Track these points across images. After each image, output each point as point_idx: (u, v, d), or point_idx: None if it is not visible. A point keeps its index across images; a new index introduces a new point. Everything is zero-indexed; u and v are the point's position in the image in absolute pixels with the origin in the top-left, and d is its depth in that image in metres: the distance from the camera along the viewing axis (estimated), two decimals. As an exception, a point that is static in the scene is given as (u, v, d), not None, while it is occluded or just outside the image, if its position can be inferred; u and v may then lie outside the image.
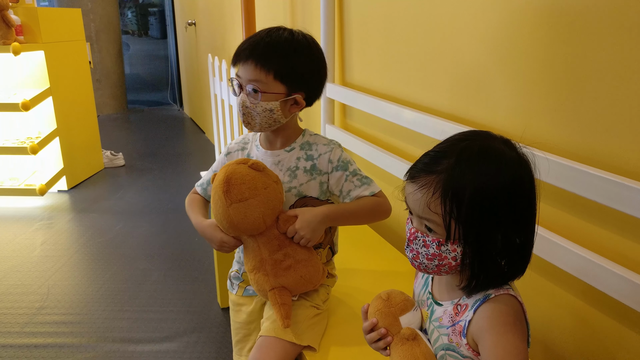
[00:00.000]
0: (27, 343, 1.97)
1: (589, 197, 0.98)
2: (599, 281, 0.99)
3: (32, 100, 3.17)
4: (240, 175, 1.08)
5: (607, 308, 1.05)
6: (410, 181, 0.75)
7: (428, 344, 0.81)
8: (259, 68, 1.10)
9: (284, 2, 2.63)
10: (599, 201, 0.96)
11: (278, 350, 1.11)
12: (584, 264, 1.01)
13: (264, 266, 1.13)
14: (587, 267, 1.01)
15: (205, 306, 2.21)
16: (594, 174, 0.96)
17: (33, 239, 2.87)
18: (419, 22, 1.54)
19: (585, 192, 0.99)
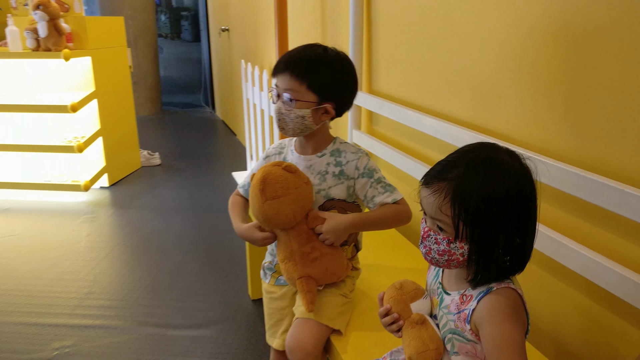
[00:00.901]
0: (77, 323, 2.17)
1: (596, 203, 1.08)
2: (604, 280, 1.08)
3: (80, 102, 3.40)
4: (275, 176, 1.23)
5: (611, 305, 1.15)
6: (424, 186, 0.88)
7: (436, 328, 0.94)
8: (294, 78, 1.25)
9: (314, 14, 2.78)
10: (605, 207, 1.06)
11: (314, 331, 1.25)
12: (591, 264, 1.11)
13: (294, 257, 1.27)
14: (593, 267, 1.10)
15: (237, 297, 2.37)
16: (601, 181, 1.06)
17: (79, 231, 3.09)
18: (442, 36, 1.67)
19: (593, 198, 1.08)
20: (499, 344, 0.83)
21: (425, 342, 0.91)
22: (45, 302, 2.34)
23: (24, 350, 2.01)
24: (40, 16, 3.20)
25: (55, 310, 2.27)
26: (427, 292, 1.00)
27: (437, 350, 0.91)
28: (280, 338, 1.43)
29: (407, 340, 0.94)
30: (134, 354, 1.98)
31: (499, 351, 0.83)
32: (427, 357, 0.90)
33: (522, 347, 0.83)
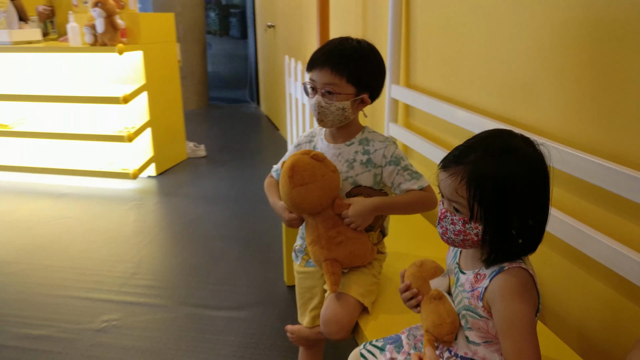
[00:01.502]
0: (124, 300, 2.31)
1: (622, 194, 1.09)
2: (627, 271, 1.10)
3: (131, 94, 3.58)
4: (303, 164, 1.29)
5: (633, 296, 1.16)
6: (442, 170, 0.93)
7: (452, 304, 0.99)
8: (335, 73, 1.30)
9: (356, 10, 2.83)
10: (631, 198, 1.08)
11: (348, 305, 1.33)
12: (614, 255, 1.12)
13: (320, 240, 1.34)
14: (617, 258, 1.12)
15: (273, 283, 2.46)
16: (627, 173, 1.07)
17: (127, 216, 3.26)
18: (474, 31, 1.70)
19: (619, 189, 1.10)
20: (509, 320, 0.87)
21: (442, 315, 0.96)
22: (95, 279, 2.50)
23: (76, 320, 2.17)
24: (99, 13, 3.39)
25: (104, 287, 2.42)
26: (446, 271, 1.05)
27: (453, 324, 0.95)
28: (309, 316, 1.50)
29: (424, 314, 0.99)
30: (174, 331, 2.10)
31: (509, 327, 0.87)
32: (443, 330, 0.95)
33: (532, 324, 0.87)
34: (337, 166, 1.36)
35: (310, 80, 1.36)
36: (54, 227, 3.11)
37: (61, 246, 2.85)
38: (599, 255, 1.18)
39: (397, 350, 1.10)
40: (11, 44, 3.84)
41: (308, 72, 1.37)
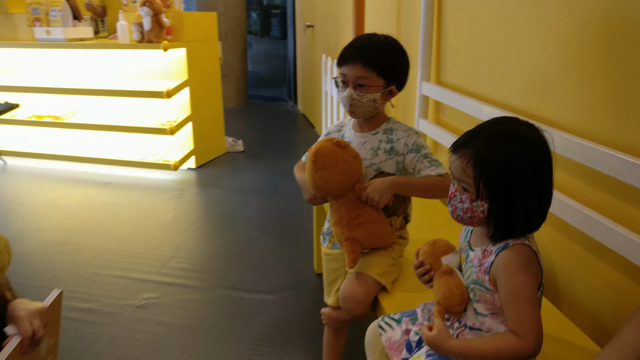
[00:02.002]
0: (163, 281, 2.47)
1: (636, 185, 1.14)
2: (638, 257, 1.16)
3: (174, 89, 3.76)
4: (325, 150, 1.39)
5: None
6: (452, 152, 1.01)
7: (462, 278, 1.07)
8: (366, 67, 1.40)
9: (391, 10, 2.91)
10: None
11: (365, 283, 1.42)
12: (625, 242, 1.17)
13: (342, 221, 1.43)
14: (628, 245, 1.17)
15: (303, 270, 2.57)
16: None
17: (167, 205, 3.43)
18: (501, 32, 1.76)
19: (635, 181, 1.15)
20: (512, 291, 0.95)
21: (452, 288, 1.04)
22: (136, 261, 2.66)
23: (120, 297, 2.33)
24: (146, 11, 3.58)
25: (145, 268, 2.58)
26: (457, 249, 1.13)
27: (462, 297, 1.03)
28: (334, 296, 1.60)
29: (436, 288, 1.07)
30: (209, 310, 2.24)
31: (512, 298, 0.95)
32: (453, 301, 1.03)
33: (534, 296, 0.94)
34: (362, 154, 1.45)
35: (341, 75, 1.45)
36: (100, 212, 3.31)
37: (107, 230, 3.04)
38: (611, 242, 1.23)
39: (412, 322, 1.19)
40: (65, 41, 4.09)
41: (339, 67, 1.47)
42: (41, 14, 4.13)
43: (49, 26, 4.13)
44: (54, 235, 2.98)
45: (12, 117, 4.44)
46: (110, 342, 2.03)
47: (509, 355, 0.94)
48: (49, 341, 1.11)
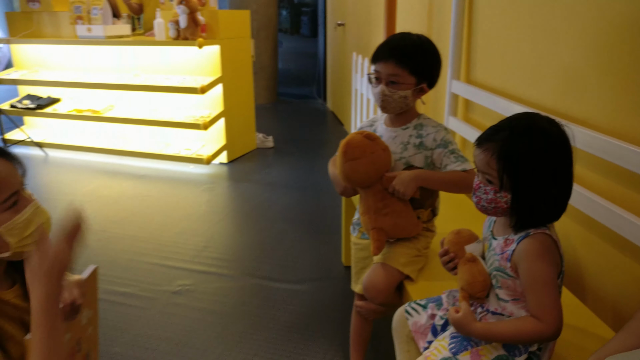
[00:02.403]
0: (196, 269, 2.57)
1: None
2: None
3: (208, 85, 3.87)
4: (355, 142, 1.45)
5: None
6: (477, 146, 1.07)
7: (484, 265, 1.12)
8: (399, 66, 1.45)
9: (422, 10, 2.96)
10: None
11: (386, 273, 1.49)
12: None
13: (369, 211, 1.50)
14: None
15: (331, 262, 2.64)
16: None
17: (200, 197, 3.55)
18: (530, 32, 1.80)
19: None
20: (532, 277, 1.00)
21: (475, 275, 1.09)
22: (171, 249, 2.78)
23: (156, 282, 2.45)
24: (182, 10, 3.70)
25: (179, 257, 2.69)
26: (480, 238, 1.19)
27: (484, 283, 1.09)
28: (361, 284, 1.66)
29: (460, 274, 1.13)
30: (240, 297, 2.33)
31: (532, 283, 1.00)
32: (475, 287, 1.09)
33: (553, 282, 0.99)
34: (392, 148, 1.51)
35: (375, 72, 1.51)
36: (136, 202, 3.45)
37: (143, 219, 3.17)
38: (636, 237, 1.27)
39: (437, 307, 1.25)
40: (105, 38, 4.25)
41: (373, 64, 1.53)
42: (83, 12, 4.30)
43: (90, 24, 4.29)
44: (93, 223, 3.11)
45: (54, 110, 4.64)
46: (148, 324, 2.14)
47: (529, 337, 0.99)
48: (88, 312, 1.20)
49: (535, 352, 1.06)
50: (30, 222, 0.98)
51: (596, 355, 0.88)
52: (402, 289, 1.52)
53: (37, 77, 4.68)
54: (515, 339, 1.02)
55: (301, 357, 1.94)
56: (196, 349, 1.99)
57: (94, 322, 1.27)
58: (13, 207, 0.95)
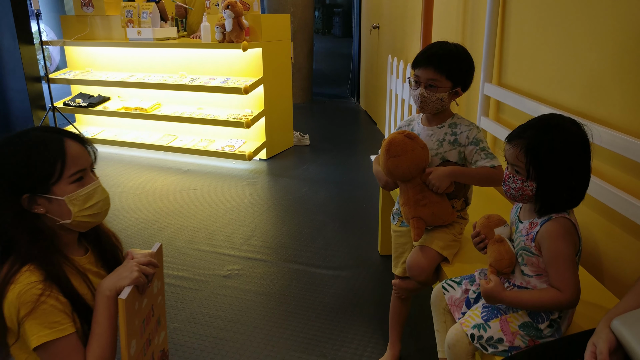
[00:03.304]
0: (243, 255, 2.80)
1: None
2: None
3: (251, 85, 4.10)
4: (397, 140, 1.63)
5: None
6: (507, 143, 1.24)
7: (511, 246, 1.30)
8: (437, 72, 1.63)
9: (457, 16, 3.11)
10: None
11: (428, 254, 1.67)
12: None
13: (409, 202, 1.68)
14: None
15: (368, 251, 2.83)
16: None
17: (243, 191, 3.78)
18: (559, 38, 1.95)
19: None
20: (554, 255, 1.17)
21: (502, 253, 1.27)
22: (219, 238, 3.01)
23: (208, 267, 2.68)
24: (228, 14, 3.94)
25: (227, 245, 2.92)
26: (508, 222, 1.36)
27: (510, 260, 1.27)
28: (401, 267, 1.85)
29: (489, 253, 1.31)
30: (285, 281, 2.54)
31: (554, 260, 1.17)
32: (502, 263, 1.27)
33: (572, 259, 1.17)
34: (429, 144, 1.68)
35: (415, 75, 1.69)
36: (184, 195, 3.70)
37: (191, 211, 3.41)
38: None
39: (470, 283, 1.43)
40: (154, 40, 4.52)
41: (413, 69, 1.71)
42: (134, 16, 4.59)
43: (140, 27, 4.57)
44: (146, 214, 3.37)
45: (105, 108, 4.95)
46: (202, 304, 2.37)
47: (551, 304, 1.17)
48: (157, 283, 1.39)
49: (556, 319, 1.23)
50: (90, 196, 1.13)
51: (606, 316, 1.05)
52: (438, 270, 1.70)
53: (89, 77, 5.00)
54: (539, 306, 1.19)
55: (343, 334, 2.13)
56: (247, 326, 2.21)
57: (162, 293, 1.46)
58: (79, 182, 1.11)
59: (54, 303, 1.03)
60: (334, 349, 2.05)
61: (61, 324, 1.03)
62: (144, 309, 1.22)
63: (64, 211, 1.10)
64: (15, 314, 1.01)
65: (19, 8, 4.67)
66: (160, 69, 4.82)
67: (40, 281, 1.03)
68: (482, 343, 1.26)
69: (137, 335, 1.17)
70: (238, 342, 2.10)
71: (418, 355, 2.02)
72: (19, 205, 1.06)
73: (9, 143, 1.09)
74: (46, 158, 1.07)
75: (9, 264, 1.06)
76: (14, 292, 1.01)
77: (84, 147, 1.15)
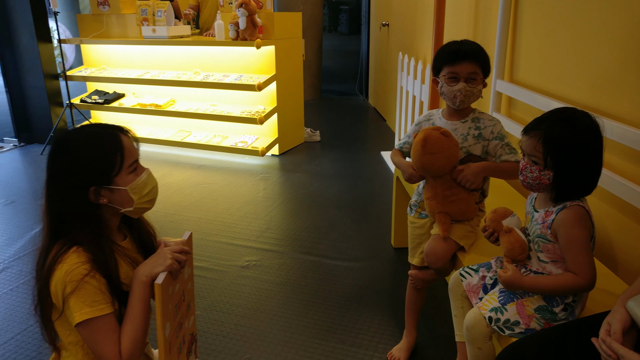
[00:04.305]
0: (260, 247, 2.88)
1: None
2: None
3: (264, 82, 4.18)
4: (434, 138, 1.68)
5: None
6: (524, 134, 1.31)
7: (520, 234, 1.37)
8: (476, 65, 1.70)
9: (469, 13, 3.17)
10: None
11: (445, 244, 1.74)
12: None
13: (437, 197, 1.75)
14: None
15: (381, 244, 2.90)
16: None
17: (257, 186, 3.86)
18: (571, 34, 2.01)
19: None
20: (569, 241, 1.24)
21: (512, 242, 1.35)
22: (236, 230, 3.09)
23: (226, 258, 2.76)
24: (242, 12, 4.01)
25: (244, 237, 3.00)
26: (514, 213, 1.43)
27: (521, 248, 1.35)
28: (418, 257, 1.92)
29: (501, 244, 1.39)
30: (301, 272, 2.62)
31: (570, 246, 1.25)
32: (514, 252, 1.35)
33: (587, 244, 1.24)
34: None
35: (451, 72, 1.71)
36: (200, 190, 3.79)
37: (207, 204, 3.50)
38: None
39: (487, 270, 1.50)
40: (168, 38, 4.60)
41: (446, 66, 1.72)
42: (148, 15, 4.67)
43: (154, 25, 4.66)
44: (164, 207, 3.46)
45: (120, 105, 5.04)
46: (223, 293, 2.45)
47: (569, 287, 1.25)
48: (188, 269, 1.47)
49: (570, 303, 1.30)
50: (146, 184, 1.22)
51: (622, 296, 1.12)
52: (455, 259, 1.77)
53: (104, 74, 5.09)
54: (557, 290, 1.27)
55: (360, 322, 2.21)
56: (266, 314, 2.29)
57: (192, 279, 1.54)
58: (135, 172, 1.20)
59: (96, 284, 1.11)
60: (352, 336, 2.13)
61: (101, 304, 1.11)
62: (176, 294, 1.30)
63: (125, 200, 1.18)
64: (61, 291, 1.09)
65: (37, 7, 4.76)
66: (175, 66, 4.90)
67: (86, 262, 1.11)
68: (499, 325, 1.33)
69: (171, 318, 1.25)
70: (258, 329, 2.18)
71: (433, 342, 2.09)
72: (86, 198, 1.14)
73: (70, 140, 1.16)
74: (107, 152, 1.15)
75: (59, 245, 1.14)
76: (61, 270, 1.09)
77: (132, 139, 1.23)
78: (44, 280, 1.12)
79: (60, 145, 1.15)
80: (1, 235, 3.09)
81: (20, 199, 3.69)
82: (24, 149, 5.03)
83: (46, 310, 1.15)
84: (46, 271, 1.11)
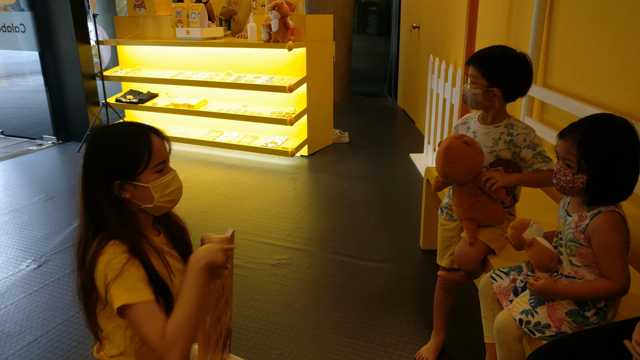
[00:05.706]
0: (290, 246, 2.93)
1: None
2: None
3: (295, 84, 4.24)
4: (455, 146, 1.71)
5: None
6: (559, 138, 1.32)
7: (544, 242, 1.38)
8: (475, 68, 1.74)
9: (502, 17, 3.17)
10: None
11: (475, 246, 1.76)
12: None
13: (463, 204, 1.77)
14: None
15: (410, 246, 2.92)
16: None
17: (287, 185, 3.92)
18: (607, 39, 2.01)
19: None
20: (604, 247, 1.26)
21: (537, 254, 1.38)
22: (267, 229, 3.15)
23: (258, 256, 2.82)
24: (275, 15, 4.08)
25: (274, 236, 3.06)
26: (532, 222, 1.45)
27: (549, 256, 1.37)
28: (447, 259, 1.95)
29: (529, 258, 1.42)
30: (330, 271, 2.66)
31: (605, 252, 1.26)
32: (543, 263, 1.37)
33: (622, 250, 1.25)
34: (485, 142, 1.77)
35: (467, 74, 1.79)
36: (230, 189, 3.86)
37: (238, 203, 3.57)
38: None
39: (517, 273, 1.52)
40: (201, 39, 4.70)
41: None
42: (183, 16, 4.78)
43: (188, 27, 4.76)
44: (196, 205, 3.55)
45: (153, 104, 5.17)
46: (254, 290, 2.51)
47: (604, 293, 1.26)
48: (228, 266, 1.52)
49: (602, 308, 1.31)
50: (169, 184, 1.27)
51: None
52: (486, 262, 1.79)
53: (139, 74, 5.22)
54: (592, 296, 1.28)
55: (388, 322, 2.24)
56: (297, 311, 2.34)
57: (231, 275, 1.60)
58: (160, 172, 1.26)
59: (135, 272, 1.17)
60: (380, 335, 2.16)
61: (140, 290, 1.15)
62: (217, 288, 1.35)
63: (146, 196, 1.24)
64: (103, 279, 1.15)
65: (77, 10, 4.93)
66: (207, 67, 5.00)
67: (125, 252, 1.17)
68: (529, 328, 1.35)
69: (211, 311, 1.30)
70: (289, 326, 2.23)
71: (460, 344, 2.11)
72: (111, 191, 1.21)
73: (104, 135, 1.23)
74: (136, 150, 1.21)
75: (99, 239, 1.21)
76: (102, 261, 1.15)
77: (163, 141, 1.29)
78: (87, 274, 1.18)
79: (95, 138, 1.22)
80: (42, 229, 3.22)
81: (60, 194, 3.82)
82: (62, 146, 5.20)
83: (91, 302, 1.22)
84: (89, 265, 1.18)
